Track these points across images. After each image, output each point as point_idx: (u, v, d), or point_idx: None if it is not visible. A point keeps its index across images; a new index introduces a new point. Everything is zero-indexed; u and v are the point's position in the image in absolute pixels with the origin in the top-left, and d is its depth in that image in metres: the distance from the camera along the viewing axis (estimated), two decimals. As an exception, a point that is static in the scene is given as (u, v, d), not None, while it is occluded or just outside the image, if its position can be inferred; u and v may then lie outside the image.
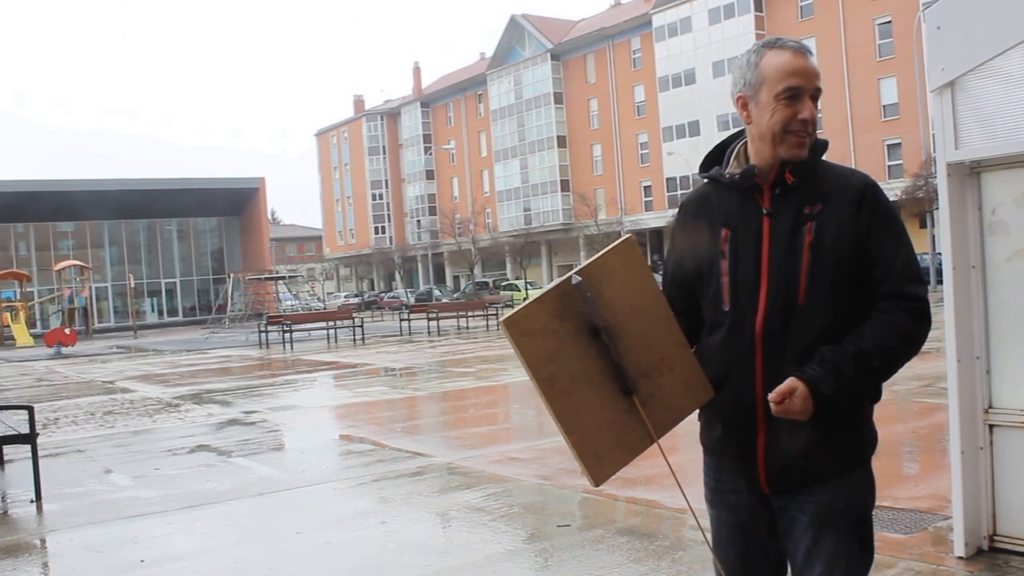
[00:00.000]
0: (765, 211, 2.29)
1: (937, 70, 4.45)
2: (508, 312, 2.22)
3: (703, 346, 2.40)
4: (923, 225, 43.60)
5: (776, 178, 2.29)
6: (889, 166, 49.30)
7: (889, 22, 49.14)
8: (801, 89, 2.23)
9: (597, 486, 2.27)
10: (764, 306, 2.26)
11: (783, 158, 2.27)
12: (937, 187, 4.78)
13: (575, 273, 2.22)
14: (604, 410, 2.21)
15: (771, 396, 2.18)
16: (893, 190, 45.88)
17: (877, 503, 5.57)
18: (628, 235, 2.49)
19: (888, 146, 49.79)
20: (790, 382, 2.18)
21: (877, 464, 2.40)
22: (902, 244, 2.28)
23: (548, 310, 2.18)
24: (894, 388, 10.45)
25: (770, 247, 2.27)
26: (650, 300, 2.27)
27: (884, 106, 50.07)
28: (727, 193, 2.37)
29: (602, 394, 2.21)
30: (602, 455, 2.23)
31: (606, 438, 2.22)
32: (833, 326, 2.23)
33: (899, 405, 9.57)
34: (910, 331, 2.24)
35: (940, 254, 5.34)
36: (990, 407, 4.51)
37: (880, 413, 2.38)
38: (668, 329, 2.29)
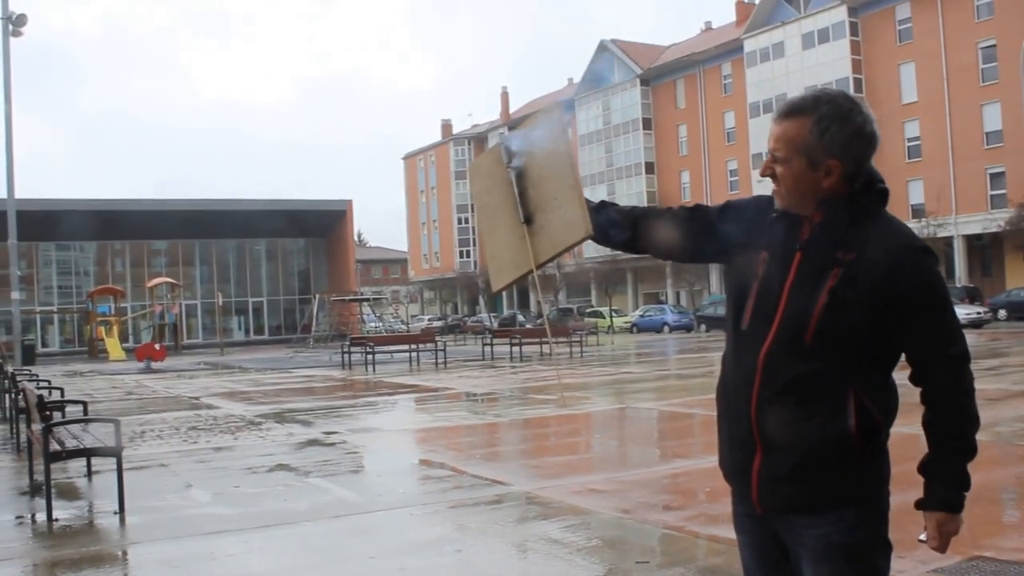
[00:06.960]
0: (798, 245, 2.33)
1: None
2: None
3: (725, 350, 2.50)
4: (1026, 258, 42.11)
5: (815, 215, 2.34)
6: (991, 196, 47.65)
7: (993, 46, 47.59)
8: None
9: (494, 291, 2.92)
10: (772, 337, 2.31)
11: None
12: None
13: (505, 129, 2.84)
14: (509, 235, 2.76)
15: (928, 544, 2.32)
16: (996, 220, 44.44)
17: (978, 552, 5.25)
18: (558, 103, 2.94)
19: (991, 175, 48.09)
20: (929, 519, 2.31)
21: (976, 511, 2.23)
22: (944, 321, 2.30)
23: (492, 158, 2.87)
24: (996, 430, 9.96)
25: (793, 281, 2.30)
26: (560, 149, 2.69)
27: (987, 133, 48.41)
28: (778, 218, 2.40)
29: (510, 222, 2.75)
30: (501, 269, 2.83)
31: (505, 256, 2.80)
32: (835, 369, 2.26)
33: (1000, 448, 9.09)
34: (966, 385, 2.29)
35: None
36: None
37: (980, 457, 2.20)
38: (568, 174, 2.63)
